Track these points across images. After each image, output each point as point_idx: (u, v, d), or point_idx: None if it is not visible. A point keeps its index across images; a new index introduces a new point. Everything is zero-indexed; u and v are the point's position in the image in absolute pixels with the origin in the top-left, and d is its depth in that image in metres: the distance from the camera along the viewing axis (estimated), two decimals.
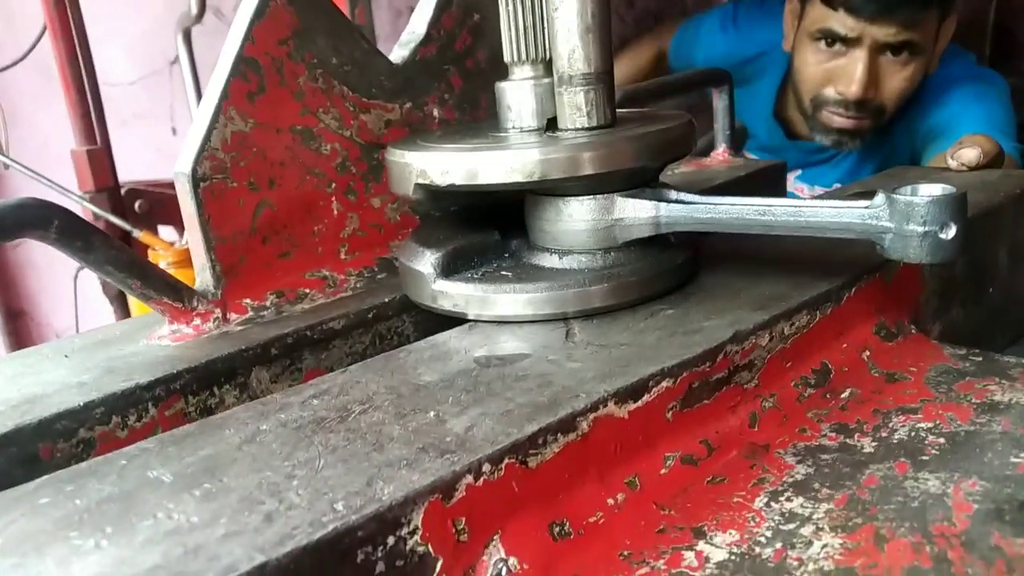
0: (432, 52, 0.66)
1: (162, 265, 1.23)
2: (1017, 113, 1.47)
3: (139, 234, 1.27)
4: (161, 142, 2.09)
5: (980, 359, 0.51)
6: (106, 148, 1.42)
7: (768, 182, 0.92)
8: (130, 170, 1.71)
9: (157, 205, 1.48)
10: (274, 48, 0.56)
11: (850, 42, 1.35)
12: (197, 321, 0.53)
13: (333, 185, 0.61)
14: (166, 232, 1.60)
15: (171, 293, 0.52)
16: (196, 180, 0.53)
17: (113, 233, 1.29)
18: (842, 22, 1.34)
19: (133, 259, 0.49)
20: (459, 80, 0.68)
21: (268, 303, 0.56)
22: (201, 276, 0.54)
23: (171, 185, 0.54)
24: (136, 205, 1.44)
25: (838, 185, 1.58)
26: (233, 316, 0.54)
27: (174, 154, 0.55)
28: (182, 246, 1.30)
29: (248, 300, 0.56)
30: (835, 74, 1.40)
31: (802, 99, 1.47)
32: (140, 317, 0.57)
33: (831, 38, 1.37)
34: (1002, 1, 3.44)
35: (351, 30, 0.61)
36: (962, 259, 0.63)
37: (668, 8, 2.72)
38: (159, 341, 0.52)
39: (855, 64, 1.36)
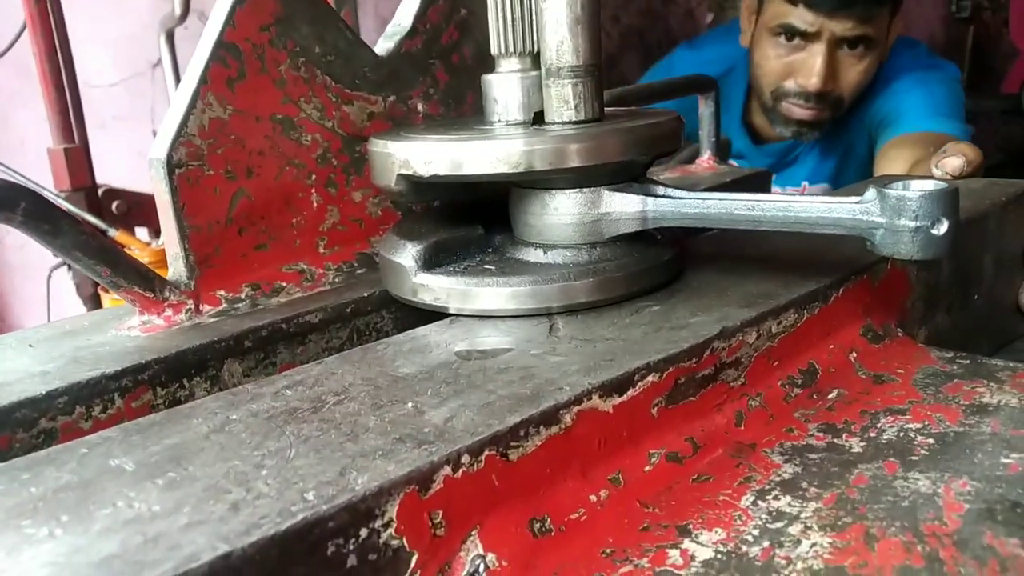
0: (418, 45, 0.65)
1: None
2: (1001, 129, 1.52)
3: (115, 233, 1.25)
4: (142, 145, 2.06)
5: (967, 362, 0.51)
6: (84, 147, 1.40)
7: (754, 189, 0.91)
8: (110, 172, 1.69)
9: (135, 207, 1.46)
10: (255, 34, 0.55)
11: (809, 36, 1.42)
12: (168, 312, 0.51)
13: (313, 177, 0.59)
14: (143, 234, 1.57)
15: (142, 282, 0.50)
16: (171, 166, 0.51)
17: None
18: (802, 17, 1.41)
19: (103, 245, 0.47)
20: (445, 75, 0.67)
21: (243, 295, 0.54)
22: (174, 266, 0.53)
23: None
24: (113, 206, 1.41)
25: (806, 183, 1.62)
26: (206, 308, 0.53)
27: None
28: (159, 246, 1.28)
29: (222, 292, 0.54)
30: (795, 67, 1.47)
31: (763, 92, 1.54)
32: (110, 308, 0.55)
33: (791, 33, 1.44)
34: (979, 27, 3.49)
35: (335, 19, 0.59)
36: (948, 265, 0.62)
37: (652, 25, 2.74)
38: (128, 332, 0.50)
39: (815, 58, 1.43)
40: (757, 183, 0.93)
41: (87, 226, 0.47)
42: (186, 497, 0.30)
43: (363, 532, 0.30)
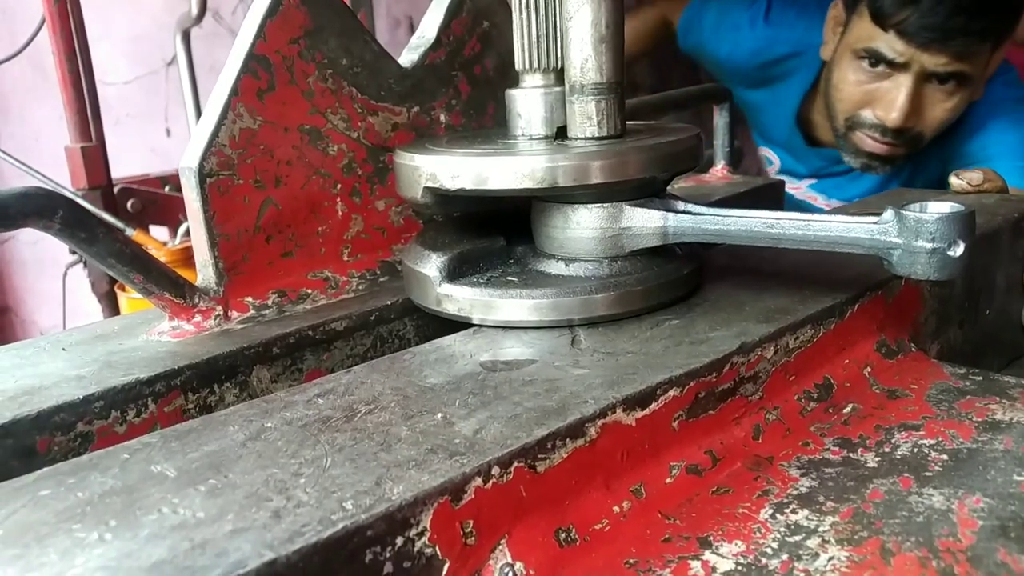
0: (441, 57, 0.66)
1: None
2: None
3: (132, 232, 1.26)
4: (155, 142, 2.09)
5: (980, 378, 0.52)
6: (100, 146, 1.41)
7: (766, 199, 0.92)
8: (123, 169, 1.70)
9: (150, 205, 1.48)
10: (285, 47, 0.56)
11: (896, 66, 1.25)
12: (198, 318, 0.53)
13: (339, 186, 0.60)
14: (158, 232, 1.59)
15: (173, 289, 0.51)
16: (203, 176, 0.52)
17: None
18: (891, 45, 1.23)
19: (136, 252, 0.48)
20: (467, 86, 0.68)
21: (270, 302, 0.55)
22: (203, 273, 0.54)
23: (163, 181, 0.54)
24: (129, 204, 1.43)
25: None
26: (234, 314, 0.54)
27: (168, 155, 0.55)
28: (175, 246, 1.29)
29: (250, 298, 0.55)
30: (875, 97, 1.29)
31: (836, 116, 1.37)
32: (139, 312, 0.56)
33: (876, 59, 1.26)
34: None
35: (362, 32, 0.61)
36: (961, 281, 0.63)
37: None
38: (159, 337, 0.51)
39: (898, 90, 1.25)
40: (770, 194, 0.94)
41: (120, 233, 0.48)
42: (228, 504, 0.31)
43: (399, 540, 0.31)
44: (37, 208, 0.44)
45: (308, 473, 0.33)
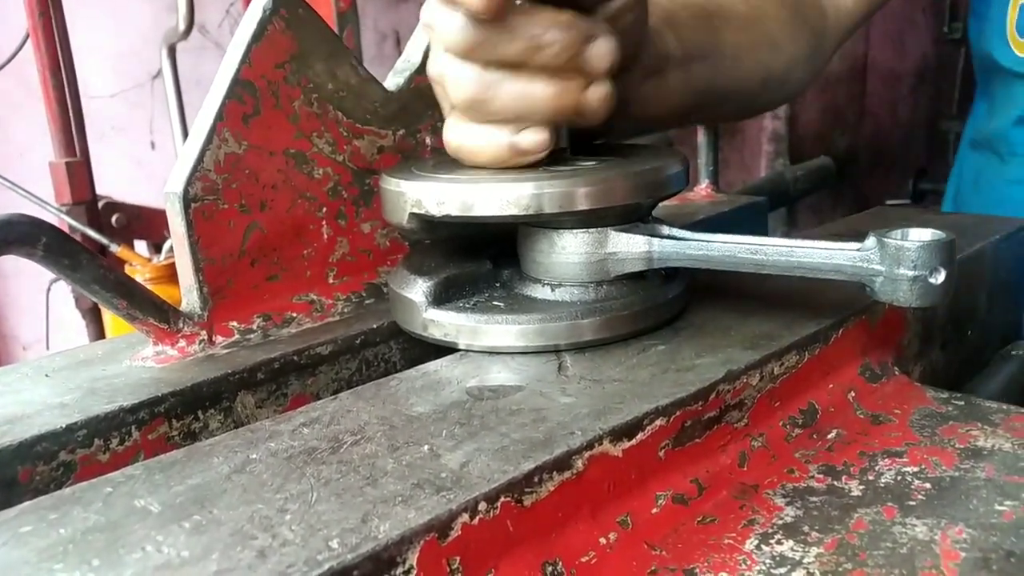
0: (427, 80, 0.66)
1: (138, 280, 1.21)
2: None
3: (116, 249, 1.26)
4: (140, 155, 2.08)
5: (962, 403, 0.52)
6: (85, 161, 1.41)
7: (750, 218, 0.93)
8: (108, 183, 1.69)
9: (134, 219, 1.47)
10: (271, 71, 0.56)
11: None
12: (182, 343, 0.52)
13: (324, 209, 0.60)
14: (142, 247, 1.58)
15: (157, 314, 0.51)
16: (187, 201, 0.52)
17: (90, 247, 1.27)
18: None
19: (120, 278, 0.48)
20: None
21: (255, 326, 0.55)
22: (188, 297, 0.54)
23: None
24: (113, 219, 1.42)
25: None
26: (219, 338, 0.54)
27: (152, 168, 0.55)
28: (160, 262, 1.28)
29: (235, 323, 0.55)
30: None
31: None
32: (123, 337, 0.56)
33: None
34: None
35: (347, 56, 0.61)
36: (943, 305, 0.64)
37: None
38: (143, 362, 0.51)
39: None
40: (753, 212, 0.95)
41: (103, 259, 0.48)
42: (213, 542, 0.31)
43: None
44: (20, 235, 0.44)
45: (294, 509, 0.33)
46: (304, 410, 0.43)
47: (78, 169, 1.39)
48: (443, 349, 0.51)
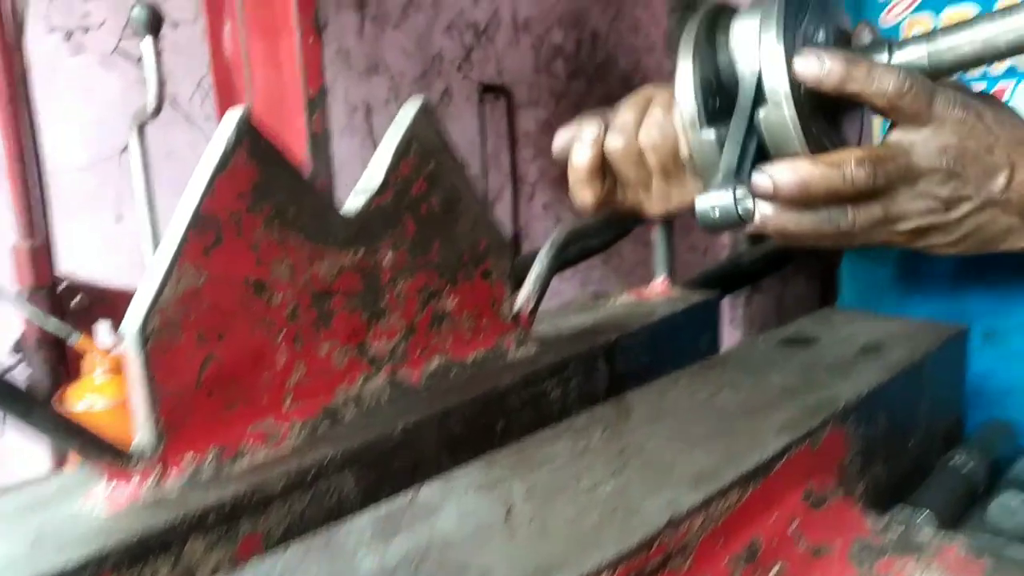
0: (388, 199, 0.68)
1: (97, 372, 1.20)
2: None
3: (76, 339, 1.25)
4: (105, 230, 2.07)
5: (902, 528, 0.54)
6: (46, 245, 1.40)
7: (703, 317, 0.95)
8: (73, 257, 1.68)
9: (96, 301, 1.46)
10: (233, 202, 0.57)
11: None
12: (136, 479, 0.52)
13: (283, 333, 0.61)
14: (105, 327, 1.57)
15: (109, 454, 0.51)
16: (144, 338, 0.53)
17: (48, 339, 1.26)
18: None
19: (71, 425, 0.48)
20: (413, 225, 0.70)
21: (209, 458, 0.55)
22: (141, 433, 0.54)
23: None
24: (74, 303, 1.41)
25: None
26: (172, 473, 0.54)
27: (118, 242, 0.55)
28: (119, 352, 1.27)
29: (190, 454, 0.55)
30: None
31: None
32: (77, 472, 0.56)
33: None
34: None
35: (308, 184, 0.62)
36: (883, 420, 0.66)
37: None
38: (93, 507, 0.51)
39: None
40: (708, 310, 0.97)
41: (53, 407, 0.48)
42: None
43: None
44: None
45: None
46: (252, 568, 0.43)
47: (39, 253, 1.38)
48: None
